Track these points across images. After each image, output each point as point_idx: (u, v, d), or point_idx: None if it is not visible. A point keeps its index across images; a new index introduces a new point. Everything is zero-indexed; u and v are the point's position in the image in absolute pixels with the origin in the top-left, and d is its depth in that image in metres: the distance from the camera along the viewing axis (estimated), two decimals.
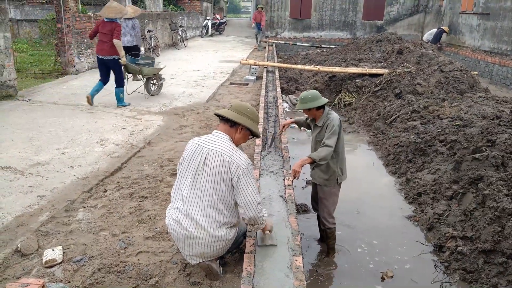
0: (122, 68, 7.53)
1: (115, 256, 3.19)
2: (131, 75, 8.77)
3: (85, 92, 7.87)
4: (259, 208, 2.74)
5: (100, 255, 3.20)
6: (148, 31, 14.33)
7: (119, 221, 3.71)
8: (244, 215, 2.76)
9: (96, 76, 8.59)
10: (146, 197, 4.18)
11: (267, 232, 3.03)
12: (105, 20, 7.18)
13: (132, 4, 19.61)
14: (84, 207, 4.00)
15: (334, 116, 3.90)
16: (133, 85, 8.74)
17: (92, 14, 11.90)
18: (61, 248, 3.23)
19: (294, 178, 3.80)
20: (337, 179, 4.01)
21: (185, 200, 2.74)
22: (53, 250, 3.18)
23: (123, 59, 7.31)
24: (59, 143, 5.63)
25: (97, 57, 7.40)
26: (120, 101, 7.60)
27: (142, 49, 10.09)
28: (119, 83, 7.51)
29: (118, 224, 3.67)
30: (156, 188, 4.38)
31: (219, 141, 2.79)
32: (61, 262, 3.09)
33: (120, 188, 4.38)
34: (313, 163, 3.81)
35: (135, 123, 6.61)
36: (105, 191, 4.31)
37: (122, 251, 3.27)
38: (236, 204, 2.79)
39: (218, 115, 2.94)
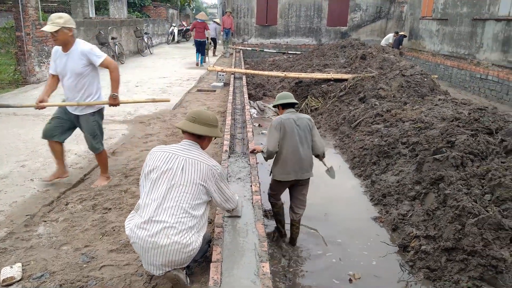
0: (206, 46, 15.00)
1: (78, 271, 3.10)
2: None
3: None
4: (235, 200, 3.22)
5: (62, 270, 3.10)
6: (112, 38, 14.09)
7: (81, 235, 3.61)
8: (225, 208, 3.21)
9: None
10: (110, 208, 4.07)
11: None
12: (199, 20, 14.55)
13: (95, 11, 19.27)
14: (45, 221, 3.86)
15: (277, 118, 4.27)
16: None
17: None
18: (20, 265, 3.10)
19: (252, 151, 4.80)
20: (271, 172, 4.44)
21: (158, 207, 2.71)
22: (12, 267, 3.05)
23: (209, 40, 15.68)
24: (19, 155, 5.43)
25: (196, 40, 14.56)
26: (201, 62, 14.80)
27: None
28: (203, 53, 14.95)
29: (80, 238, 3.56)
30: (121, 199, 4.28)
31: (193, 150, 2.92)
32: (20, 280, 2.96)
33: (83, 200, 4.26)
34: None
35: None
36: (67, 204, 4.18)
37: (85, 265, 3.17)
38: (206, 208, 2.92)
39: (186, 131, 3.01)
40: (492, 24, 12.44)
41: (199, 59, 14.87)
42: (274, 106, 4.48)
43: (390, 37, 18.54)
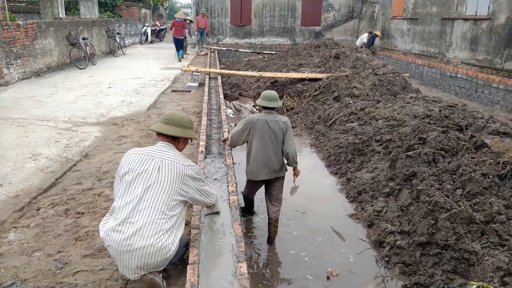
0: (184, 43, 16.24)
1: (51, 277, 3.01)
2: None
3: (15, 105, 7.66)
4: (214, 195, 3.26)
5: (34, 277, 3.01)
6: (83, 38, 13.78)
7: (54, 240, 3.51)
8: (206, 203, 3.23)
9: (27, 87, 9.28)
10: (83, 213, 3.98)
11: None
12: (177, 19, 15.40)
13: (65, 11, 18.84)
14: (16, 227, 3.74)
15: (251, 115, 4.46)
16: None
17: (22, 22, 11.23)
18: None
19: (224, 140, 5.12)
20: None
21: (134, 208, 2.67)
22: None
23: (188, 37, 17.03)
24: None
25: (174, 38, 15.56)
26: (179, 55, 15.88)
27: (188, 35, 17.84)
28: (181, 49, 16.01)
29: (53, 244, 3.46)
30: (94, 203, 4.18)
31: (169, 151, 2.90)
32: None
33: (55, 205, 4.14)
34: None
35: (70, 136, 6.30)
36: (38, 209, 4.06)
37: (58, 271, 3.09)
38: (183, 209, 2.89)
39: (160, 133, 3.00)
40: (461, 23, 12.79)
41: (179, 54, 16.22)
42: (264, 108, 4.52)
43: (365, 37, 18.82)
